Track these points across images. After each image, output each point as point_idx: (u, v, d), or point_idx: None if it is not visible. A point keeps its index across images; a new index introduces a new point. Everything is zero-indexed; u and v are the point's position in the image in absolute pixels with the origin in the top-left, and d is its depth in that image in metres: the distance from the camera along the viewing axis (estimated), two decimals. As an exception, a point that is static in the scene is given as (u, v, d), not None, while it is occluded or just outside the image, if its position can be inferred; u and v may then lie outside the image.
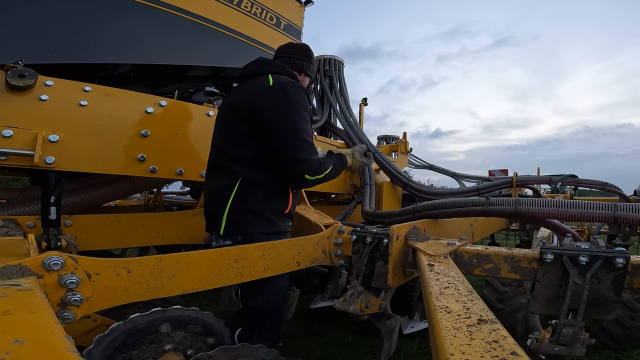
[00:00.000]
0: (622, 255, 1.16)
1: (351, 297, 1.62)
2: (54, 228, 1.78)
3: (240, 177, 1.66)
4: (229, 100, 1.78)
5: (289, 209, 1.80)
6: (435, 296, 0.93)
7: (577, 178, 3.32)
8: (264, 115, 1.63)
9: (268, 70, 1.74)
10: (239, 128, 1.68)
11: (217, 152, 1.78)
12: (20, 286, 0.84)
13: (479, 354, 0.63)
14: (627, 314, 2.71)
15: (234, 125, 1.70)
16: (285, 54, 1.92)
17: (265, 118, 1.63)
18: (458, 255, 1.45)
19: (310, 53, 1.99)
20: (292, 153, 1.64)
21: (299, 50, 1.95)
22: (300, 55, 1.93)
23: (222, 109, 1.83)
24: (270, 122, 1.62)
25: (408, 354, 2.75)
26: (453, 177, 6.47)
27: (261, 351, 1.34)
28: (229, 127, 1.73)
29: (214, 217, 1.72)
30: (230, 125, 1.73)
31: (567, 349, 1.11)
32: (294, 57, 1.91)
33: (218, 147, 1.78)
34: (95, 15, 2.01)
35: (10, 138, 1.58)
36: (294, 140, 1.63)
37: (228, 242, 1.70)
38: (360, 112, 4.83)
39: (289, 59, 1.90)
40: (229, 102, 1.77)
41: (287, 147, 1.63)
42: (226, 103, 1.81)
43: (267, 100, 1.64)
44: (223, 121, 1.80)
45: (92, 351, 1.10)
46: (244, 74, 1.81)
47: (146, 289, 1.21)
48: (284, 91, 1.66)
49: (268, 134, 1.64)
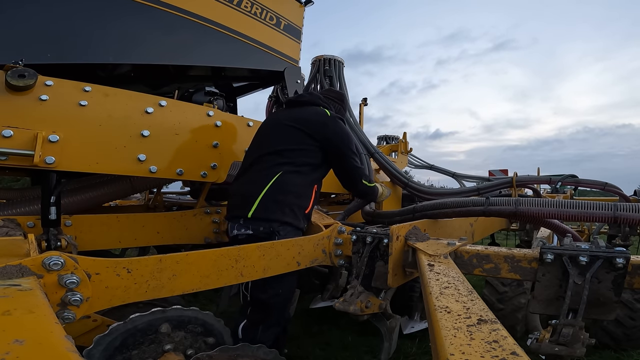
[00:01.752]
0: (622, 255, 1.16)
1: (351, 297, 1.62)
2: (54, 228, 1.78)
3: (281, 171, 1.92)
4: (290, 120, 2.09)
5: (309, 208, 1.99)
6: (435, 296, 0.93)
7: (577, 178, 3.32)
8: (328, 137, 2.02)
9: (321, 104, 2.21)
10: (298, 139, 2.01)
11: (263, 153, 2.01)
12: (20, 286, 0.84)
13: (479, 354, 0.63)
14: (627, 314, 2.71)
15: (294, 136, 2.02)
16: (326, 95, 2.38)
17: (329, 140, 2.03)
18: (458, 255, 1.46)
19: (345, 99, 2.49)
20: (352, 163, 2.10)
21: (336, 95, 2.44)
22: (337, 98, 2.40)
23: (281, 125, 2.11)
24: (334, 144, 2.04)
25: (408, 354, 2.75)
26: (453, 177, 6.47)
27: (261, 351, 1.34)
28: (288, 137, 2.03)
29: (246, 201, 1.89)
30: (290, 136, 2.03)
31: (567, 349, 1.11)
32: (332, 98, 2.36)
33: (265, 149, 2.03)
34: (95, 15, 2.00)
35: (10, 138, 1.58)
36: (353, 154, 2.11)
37: (249, 231, 1.85)
38: (360, 112, 4.84)
39: (328, 99, 2.32)
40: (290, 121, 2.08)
41: (349, 161, 2.09)
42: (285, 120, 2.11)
43: (328, 126, 2.05)
44: (282, 132, 2.07)
45: (92, 351, 1.10)
46: (299, 102, 2.23)
47: (146, 289, 1.21)
48: (339, 121, 2.14)
49: (327, 151, 2.04)
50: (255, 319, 1.83)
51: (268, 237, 1.79)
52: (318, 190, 2.08)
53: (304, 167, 1.98)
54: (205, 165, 2.20)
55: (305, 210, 1.96)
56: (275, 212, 1.84)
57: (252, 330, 1.81)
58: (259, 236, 1.80)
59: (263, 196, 1.86)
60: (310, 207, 2.00)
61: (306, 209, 1.97)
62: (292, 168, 1.94)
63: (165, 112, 2.06)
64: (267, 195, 1.86)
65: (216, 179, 2.25)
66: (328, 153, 2.05)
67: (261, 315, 1.83)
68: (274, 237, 1.78)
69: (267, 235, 1.80)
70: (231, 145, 2.34)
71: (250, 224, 1.85)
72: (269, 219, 1.84)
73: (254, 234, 1.83)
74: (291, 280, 1.87)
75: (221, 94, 2.55)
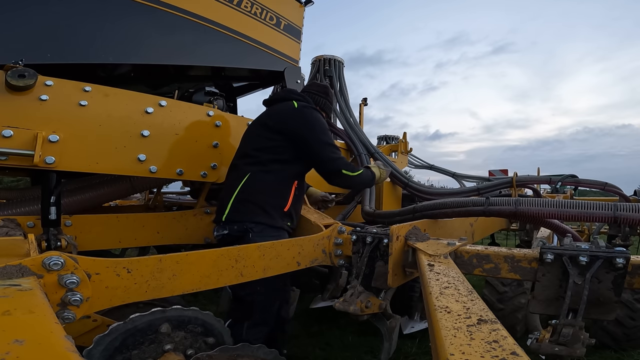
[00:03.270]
0: (622, 255, 1.16)
1: (351, 297, 1.62)
2: (54, 228, 1.78)
3: (249, 172, 1.94)
4: (261, 120, 2.11)
5: (287, 206, 1.97)
6: (435, 296, 0.93)
7: (577, 178, 3.32)
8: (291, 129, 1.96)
9: (293, 97, 2.11)
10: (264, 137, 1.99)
11: (236, 157, 2.08)
12: (20, 286, 0.84)
13: (479, 354, 0.62)
14: (627, 314, 2.71)
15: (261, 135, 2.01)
16: (307, 90, 2.30)
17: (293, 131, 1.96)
18: (458, 255, 1.45)
19: (329, 92, 2.34)
20: (326, 154, 1.98)
21: (319, 88, 2.32)
22: (319, 92, 2.29)
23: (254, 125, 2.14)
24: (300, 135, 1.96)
25: (408, 354, 2.75)
26: (453, 177, 6.47)
27: (261, 351, 1.34)
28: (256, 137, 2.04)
29: (221, 206, 1.97)
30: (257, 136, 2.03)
31: (567, 349, 1.11)
32: (314, 93, 2.27)
33: (239, 152, 2.08)
34: (96, 15, 2.01)
35: (10, 138, 1.58)
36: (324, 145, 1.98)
37: (225, 231, 1.92)
38: (360, 113, 4.83)
39: (310, 94, 2.24)
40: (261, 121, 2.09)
41: (321, 151, 1.97)
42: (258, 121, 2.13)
43: (294, 118, 1.99)
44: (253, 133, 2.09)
45: (92, 351, 1.10)
46: (273, 99, 2.18)
47: (146, 289, 1.21)
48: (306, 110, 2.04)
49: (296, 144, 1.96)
50: (237, 317, 1.86)
51: (242, 234, 1.87)
52: (299, 186, 2.04)
53: (273, 165, 1.96)
54: (205, 165, 2.20)
55: (284, 208, 1.96)
56: (246, 213, 1.90)
57: (235, 327, 1.80)
58: (233, 235, 1.90)
59: (233, 200, 1.92)
60: (289, 205, 1.97)
61: (284, 207, 1.96)
62: (260, 168, 1.95)
63: (165, 112, 2.06)
64: (236, 198, 1.92)
65: (216, 179, 2.25)
66: (297, 146, 1.97)
67: (242, 313, 1.85)
68: (247, 235, 1.85)
69: (241, 233, 1.88)
70: (231, 145, 2.34)
71: (227, 225, 1.93)
72: (240, 220, 1.90)
73: (229, 232, 1.92)
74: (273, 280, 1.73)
75: (221, 94, 2.55)
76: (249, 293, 1.82)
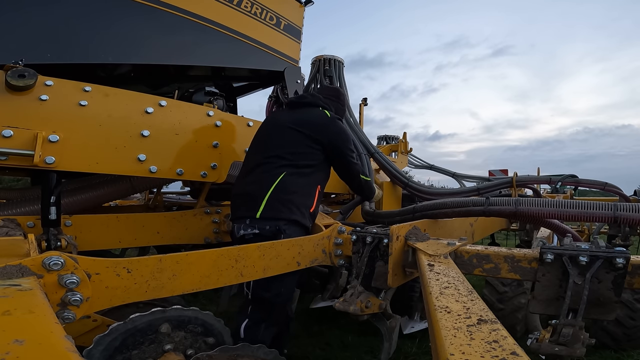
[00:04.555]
0: (622, 255, 1.16)
1: (351, 297, 1.62)
2: (54, 228, 1.78)
3: (284, 172, 1.97)
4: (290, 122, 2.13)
5: (313, 207, 2.04)
6: (435, 296, 0.93)
7: (577, 178, 3.32)
8: (330, 141, 2.09)
9: (320, 104, 2.25)
10: (303, 144, 2.06)
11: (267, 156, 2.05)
12: (20, 286, 0.84)
13: (479, 354, 0.63)
14: (627, 314, 2.71)
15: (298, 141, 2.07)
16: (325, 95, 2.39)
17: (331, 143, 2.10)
18: (458, 255, 1.45)
19: (339, 94, 2.49)
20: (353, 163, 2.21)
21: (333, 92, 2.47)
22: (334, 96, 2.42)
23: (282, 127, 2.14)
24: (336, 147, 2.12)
25: (408, 354, 2.75)
26: (453, 177, 6.47)
27: (261, 351, 1.34)
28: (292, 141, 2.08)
29: (253, 202, 1.93)
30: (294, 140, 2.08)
31: (567, 349, 1.11)
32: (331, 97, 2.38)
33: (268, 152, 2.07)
34: (96, 15, 2.01)
35: (10, 138, 1.58)
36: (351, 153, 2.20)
37: (255, 230, 1.88)
38: (361, 113, 4.83)
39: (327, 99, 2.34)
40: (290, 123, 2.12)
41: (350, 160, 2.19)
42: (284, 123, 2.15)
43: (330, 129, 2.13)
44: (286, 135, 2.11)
45: (92, 351, 1.10)
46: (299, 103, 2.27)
47: (146, 289, 1.21)
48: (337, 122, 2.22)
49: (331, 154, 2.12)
50: (257, 318, 1.85)
51: (274, 235, 1.82)
52: (321, 190, 2.12)
53: (305, 169, 2.04)
54: (205, 165, 2.20)
55: (310, 209, 2.01)
56: (283, 210, 1.89)
57: (254, 328, 1.83)
58: (265, 235, 1.84)
59: (269, 196, 1.91)
60: (314, 207, 2.04)
61: (311, 208, 2.02)
62: (294, 170, 2.00)
63: (165, 112, 2.06)
64: (272, 195, 1.91)
65: (216, 179, 2.25)
66: (329, 153, 2.11)
67: (262, 314, 1.85)
68: (279, 236, 1.81)
69: (273, 233, 1.84)
70: (231, 145, 2.34)
71: (257, 224, 1.89)
72: (276, 218, 1.88)
73: (261, 232, 1.87)
74: (293, 281, 1.90)
75: (221, 94, 2.55)
76: (274, 295, 1.83)
